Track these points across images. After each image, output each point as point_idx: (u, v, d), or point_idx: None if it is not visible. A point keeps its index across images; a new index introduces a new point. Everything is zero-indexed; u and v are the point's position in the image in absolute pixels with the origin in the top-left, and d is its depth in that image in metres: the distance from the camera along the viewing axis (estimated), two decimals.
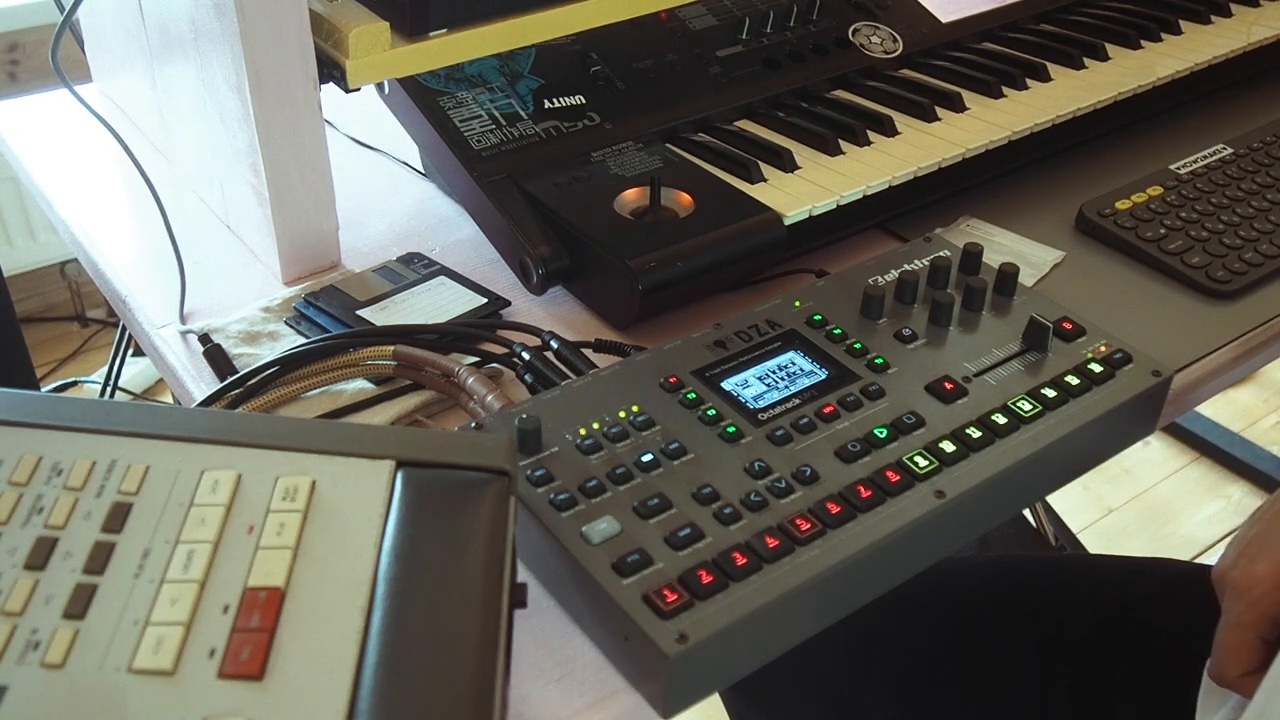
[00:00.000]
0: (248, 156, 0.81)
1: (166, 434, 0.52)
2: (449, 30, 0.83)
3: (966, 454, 0.64)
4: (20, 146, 1.05)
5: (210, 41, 0.79)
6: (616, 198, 0.83)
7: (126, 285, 0.87)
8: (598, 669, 0.58)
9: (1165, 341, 0.78)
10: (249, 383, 0.72)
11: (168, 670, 0.43)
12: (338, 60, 0.80)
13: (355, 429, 0.55)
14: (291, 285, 0.85)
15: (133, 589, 0.46)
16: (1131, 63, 1.05)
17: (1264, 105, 1.09)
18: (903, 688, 0.79)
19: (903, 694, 0.79)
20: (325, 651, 0.45)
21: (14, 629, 0.44)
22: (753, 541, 0.58)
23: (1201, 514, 1.93)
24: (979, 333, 0.73)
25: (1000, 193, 0.95)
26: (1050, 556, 0.88)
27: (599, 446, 0.63)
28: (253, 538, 0.49)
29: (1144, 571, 0.86)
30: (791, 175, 0.88)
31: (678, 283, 0.78)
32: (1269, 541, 0.65)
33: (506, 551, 0.51)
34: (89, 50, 1.10)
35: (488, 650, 0.46)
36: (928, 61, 1.03)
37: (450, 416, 0.74)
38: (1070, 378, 0.69)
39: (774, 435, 0.64)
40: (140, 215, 0.95)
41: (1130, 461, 2.02)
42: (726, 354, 0.70)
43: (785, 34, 1.01)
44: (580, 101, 0.91)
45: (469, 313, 0.80)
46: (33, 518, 0.49)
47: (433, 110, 0.87)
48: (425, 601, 0.47)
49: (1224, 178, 0.94)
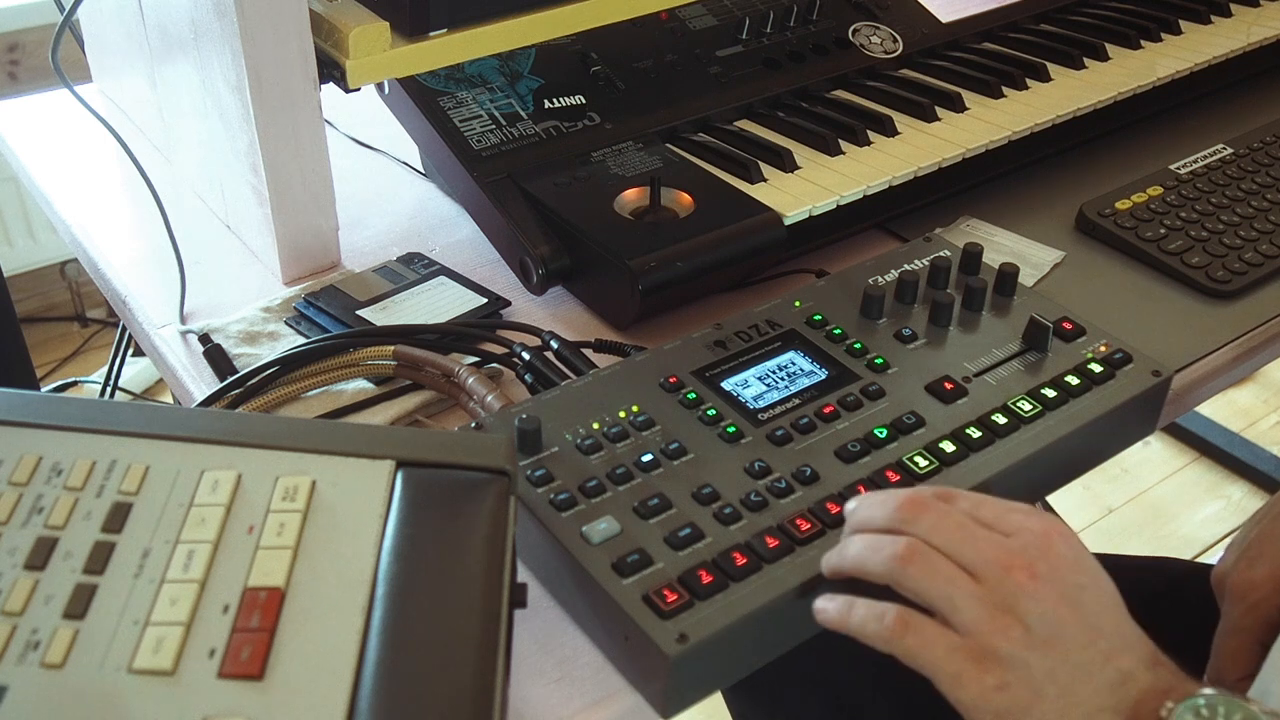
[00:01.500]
0: (248, 156, 0.81)
1: (166, 434, 0.52)
2: (449, 30, 0.83)
3: (966, 454, 0.64)
4: (20, 146, 1.05)
5: (210, 42, 0.79)
6: (616, 198, 0.83)
7: (126, 285, 0.87)
8: (598, 669, 0.58)
9: (1165, 341, 0.78)
10: (249, 383, 0.72)
11: (168, 670, 0.43)
12: (338, 60, 0.80)
13: (355, 429, 0.55)
14: (291, 285, 0.85)
15: (133, 589, 0.46)
16: (1131, 63, 1.05)
17: (1264, 105, 1.09)
18: (907, 685, 0.79)
19: (906, 691, 0.79)
20: (325, 651, 0.45)
21: (14, 629, 0.44)
22: (753, 541, 0.58)
23: (1201, 514, 1.93)
24: (979, 333, 0.73)
25: (1000, 193, 0.95)
26: None
27: (599, 446, 0.63)
28: (253, 538, 0.49)
29: (1149, 571, 0.86)
30: (791, 175, 0.88)
31: (678, 283, 0.78)
32: (1268, 546, 0.65)
33: (506, 551, 0.51)
34: (89, 50, 1.10)
35: (488, 650, 0.46)
36: (928, 61, 1.04)
37: (450, 416, 0.74)
38: (1070, 378, 0.69)
39: (774, 435, 0.64)
40: (140, 215, 0.95)
41: (1130, 461, 2.02)
42: (726, 354, 0.70)
43: (785, 34, 1.01)
44: (580, 101, 0.91)
45: (469, 313, 0.80)
46: (33, 518, 0.49)
47: (433, 110, 0.87)
48: (425, 601, 0.47)
49: (1224, 178, 0.94)
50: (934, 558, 0.53)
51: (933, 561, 0.53)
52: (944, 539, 0.53)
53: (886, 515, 0.55)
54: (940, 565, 0.53)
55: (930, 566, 0.52)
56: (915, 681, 0.53)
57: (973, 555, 0.53)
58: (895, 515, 0.55)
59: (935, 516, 0.54)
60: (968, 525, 0.54)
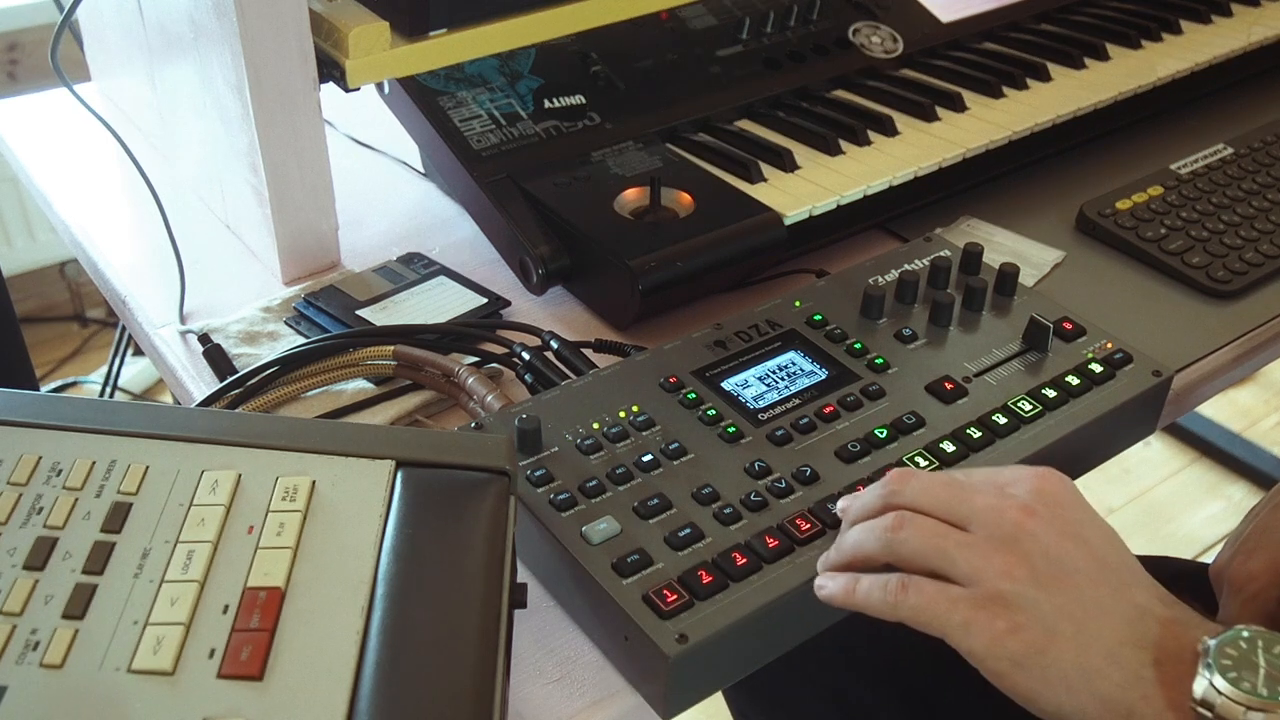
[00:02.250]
0: (247, 156, 0.81)
1: (166, 434, 0.52)
2: (449, 30, 0.83)
3: (967, 454, 0.64)
4: (20, 146, 1.05)
5: (210, 41, 0.79)
6: (616, 198, 0.83)
7: (126, 285, 0.87)
8: (598, 669, 0.58)
9: (1165, 341, 0.78)
10: (249, 383, 0.72)
11: (167, 670, 0.43)
12: (338, 60, 0.80)
13: (355, 429, 0.55)
14: (291, 285, 0.85)
15: (132, 589, 0.46)
16: (1132, 62, 1.05)
17: (1264, 105, 1.09)
18: (908, 685, 0.78)
19: (907, 691, 0.79)
20: (325, 651, 0.45)
21: (14, 629, 0.44)
22: (753, 542, 0.57)
23: (1202, 514, 1.93)
24: (979, 333, 0.73)
25: (1000, 193, 0.95)
26: None
27: (599, 446, 0.63)
28: (253, 538, 0.49)
29: (1151, 568, 0.86)
30: (792, 175, 0.88)
31: (678, 283, 0.78)
32: (1265, 538, 0.65)
33: (506, 551, 0.51)
34: (88, 50, 1.10)
35: (488, 650, 0.46)
36: (928, 61, 1.03)
37: (450, 416, 0.74)
38: (1070, 378, 0.69)
39: (774, 435, 0.64)
40: (140, 215, 0.95)
41: (1131, 461, 2.02)
42: (726, 354, 0.70)
43: (785, 34, 1.00)
44: (580, 101, 0.91)
45: (469, 313, 0.80)
46: (32, 518, 0.49)
47: (433, 110, 0.87)
48: (425, 601, 0.47)
49: (1224, 178, 0.94)
50: (922, 519, 0.52)
51: (921, 522, 0.52)
52: (931, 499, 0.53)
53: (875, 496, 0.55)
54: (929, 524, 0.52)
55: (920, 526, 0.52)
56: (916, 681, 0.53)
57: (965, 509, 0.52)
58: (882, 492, 0.55)
59: (920, 481, 0.54)
60: (954, 482, 0.53)
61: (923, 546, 0.51)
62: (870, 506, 0.55)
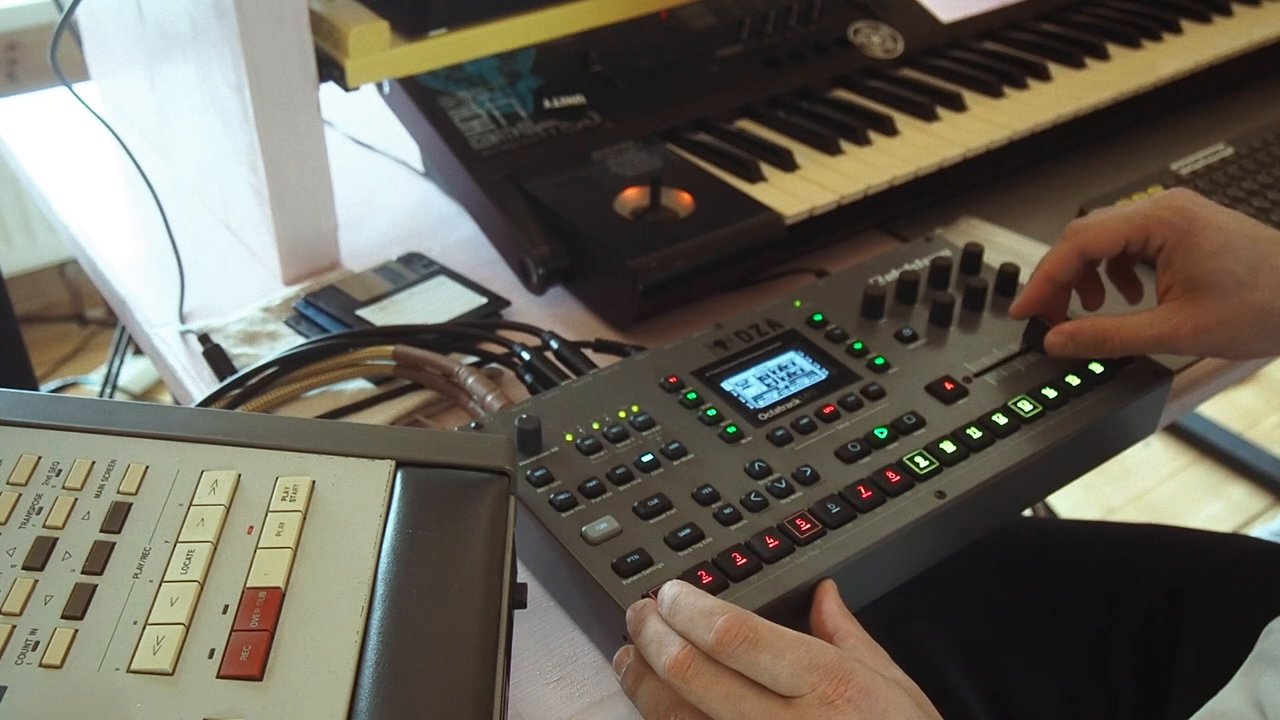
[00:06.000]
0: (247, 156, 0.81)
1: (166, 434, 0.52)
2: (449, 30, 0.83)
3: (967, 454, 0.63)
4: (19, 146, 1.05)
5: (210, 41, 0.79)
6: (616, 198, 0.83)
7: (126, 285, 0.87)
8: (598, 669, 0.58)
9: None
10: (249, 383, 0.72)
11: (167, 671, 0.43)
12: (337, 60, 0.80)
13: (355, 429, 0.55)
14: (291, 285, 0.85)
15: (132, 589, 0.46)
16: (1132, 62, 1.05)
17: (1264, 105, 1.09)
18: (960, 628, 0.78)
19: (959, 635, 0.79)
20: (325, 651, 0.45)
21: (13, 629, 0.44)
22: (753, 542, 0.57)
23: (1202, 514, 1.92)
24: (979, 333, 0.73)
25: (1000, 193, 0.95)
26: (1125, 525, 0.88)
27: (599, 446, 0.63)
28: (252, 538, 0.49)
29: (1217, 543, 0.86)
30: (792, 175, 0.88)
31: (678, 283, 0.78)
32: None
33: (506, 551, 0.51)
34: (88, 50, 1.10)
35: (488, 650, 0.46)
36: (928, 61, 1.03)
37: (450, 416, 0.74)
38: (1071, 378, 0.69)
39: (774, 435, 0.64)
40: (140, 215, 0.95)
41: (1131, 462, 2.02)
42: (726, 354, 0.70)
43: (785, 34, 1.00)
44: (580, 101, 0.91)
45: (469, 313, 0.80)
46: (32, 518, 0.49)
47: (433, 110, 0.87)
48: (425, 601, 0.47)
49: (1224, 178, 0.94)
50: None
51: None
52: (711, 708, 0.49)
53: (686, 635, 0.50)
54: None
55: None
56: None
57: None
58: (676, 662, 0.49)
59: (705, 682, 0.49)
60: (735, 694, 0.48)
61: None
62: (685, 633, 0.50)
